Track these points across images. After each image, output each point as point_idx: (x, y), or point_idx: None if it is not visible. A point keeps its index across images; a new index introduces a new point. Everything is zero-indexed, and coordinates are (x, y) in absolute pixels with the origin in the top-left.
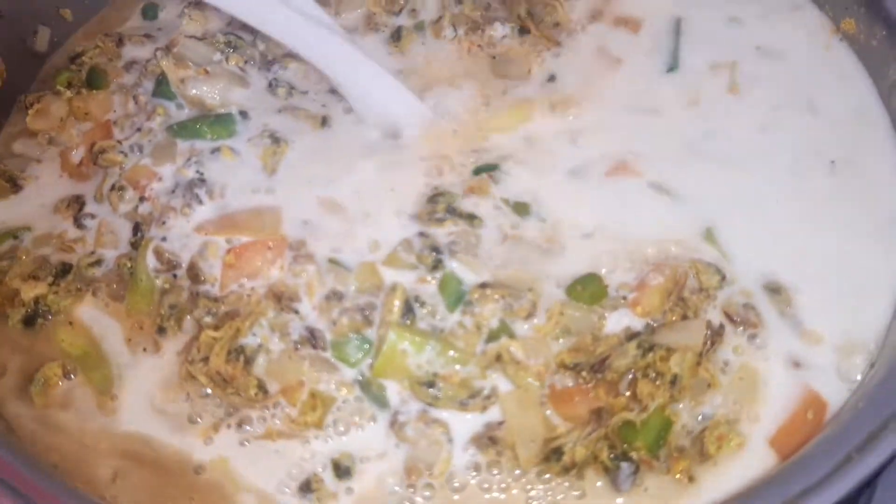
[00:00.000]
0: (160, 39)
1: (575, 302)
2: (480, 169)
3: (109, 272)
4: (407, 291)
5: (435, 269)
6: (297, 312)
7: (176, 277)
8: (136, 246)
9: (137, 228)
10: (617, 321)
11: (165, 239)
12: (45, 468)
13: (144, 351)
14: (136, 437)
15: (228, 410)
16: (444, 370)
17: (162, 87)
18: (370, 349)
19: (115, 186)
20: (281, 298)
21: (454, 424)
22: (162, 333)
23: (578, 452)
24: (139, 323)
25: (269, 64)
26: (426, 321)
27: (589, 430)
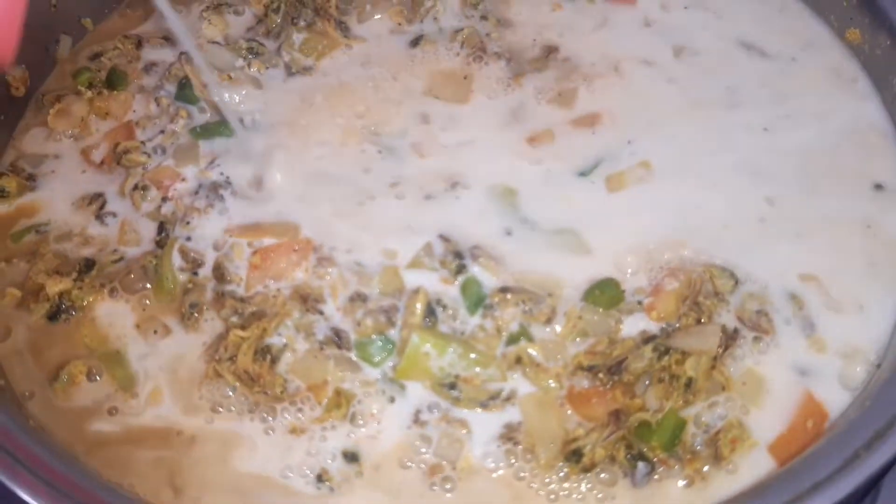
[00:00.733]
0: (178, 42)
1: (592, 306)
2: None
3: (130, 268)
4: (429, 294)
5: (458, 273)
6: (321, 313)
7: (197, 275)
8: (161, 244)
9: (162, 227)
10: (633, 325)
11: (190, 239)
12: (73, 462)
13: (155, 333)
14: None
15: (251, 407)
16: (465, 372)
17: (185, 90)
18: (393, 349)
19: (137, 186)
20: (307, 300)
21: (475, 424)
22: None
23: (598, 454)
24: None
25: (290, 71)
26: (447, 324)
27: (608, 432)
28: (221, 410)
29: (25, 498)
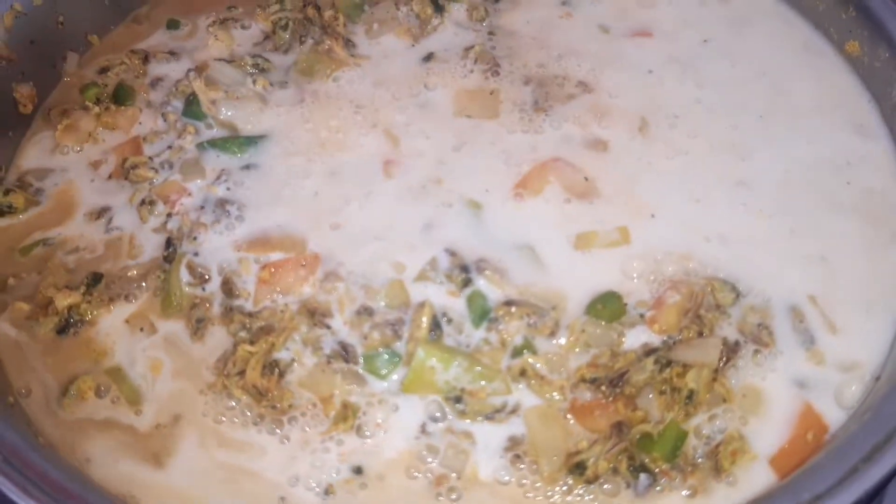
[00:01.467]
0: (183, 57)
1: (595, 319)
2: None
3: (137, 282)
4: (434, 308)
5: (464, 286)
6: (329, 327)
7: (204, 290)
8: (168, 259)
9: (170, 242)
10: (636, 337)
11: (197, 254)
12: (79, 476)
13: (162, 347)
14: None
15: (255, 420)
16: (470, 386)
17: (192, 106)
18: (399, 362)
19: (144, 201)
20: (314, 314)
21: (480, 436)
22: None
23: (601, 466)
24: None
25: (297, 88)
26: (453, 337)
27: (610, 444)
28: (224, 420)
29: None
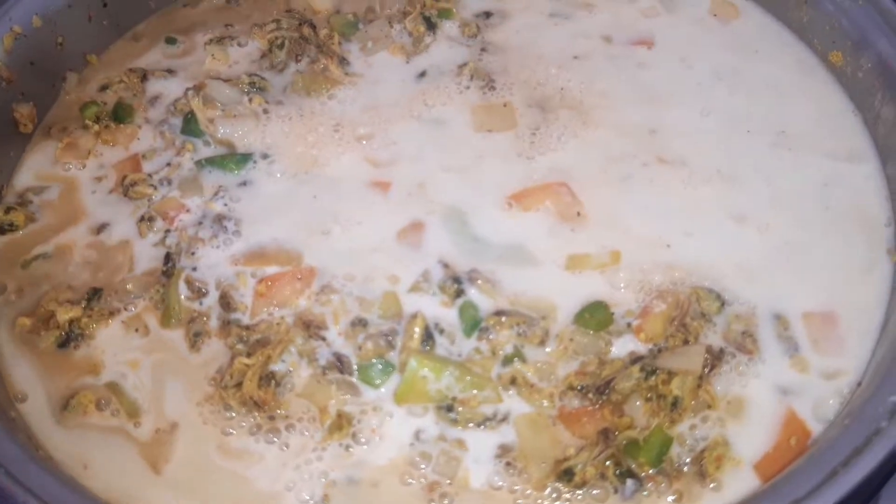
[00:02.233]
0: (181, 74)
1: (583, 328)
2: None
3: (136, 297)
4: (426, 319)
5: (457, 297)
6: (324, 339)
7: (202, 305)
8: (167, 274)
9: (168, 258)
10: (623, 346)
11: (196, 269)
12: (80, 488)
13: (159, 360)
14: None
15: (252, 430)
16: (462, 394)
17: (190, 124)
18: (393, 371)
19: (144, 217)
20: (310, 326)
21: (472, 443)
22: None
23: (589, 472)
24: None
25: (293, 105)
26: (444, 347)
27: (598, 450)
28: (222, 430)
29: None
